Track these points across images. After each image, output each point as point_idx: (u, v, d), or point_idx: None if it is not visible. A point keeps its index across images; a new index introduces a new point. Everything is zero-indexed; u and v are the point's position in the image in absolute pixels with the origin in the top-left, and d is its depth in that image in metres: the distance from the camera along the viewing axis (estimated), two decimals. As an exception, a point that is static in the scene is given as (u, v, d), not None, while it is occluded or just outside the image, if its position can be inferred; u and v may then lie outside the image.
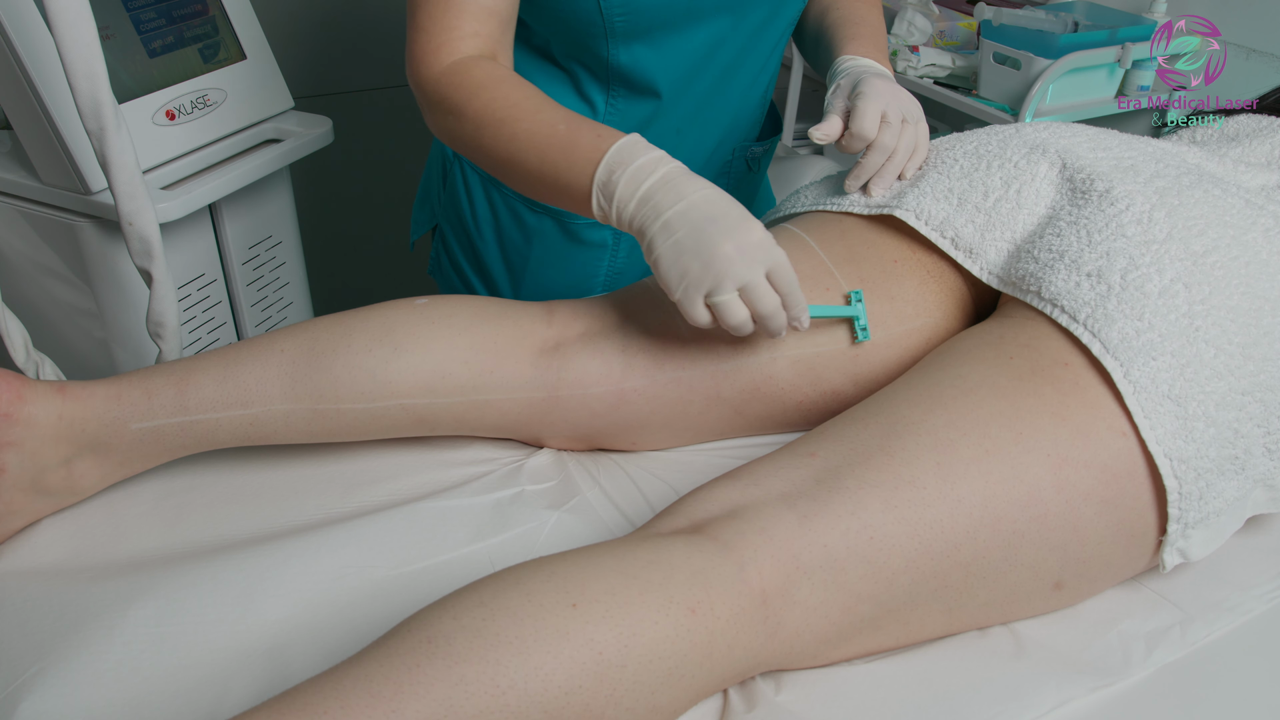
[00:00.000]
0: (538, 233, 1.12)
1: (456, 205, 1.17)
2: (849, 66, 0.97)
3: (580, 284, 1.17)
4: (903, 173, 0.91)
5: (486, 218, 1.14)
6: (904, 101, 0.92)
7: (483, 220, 1.15)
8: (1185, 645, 0.72)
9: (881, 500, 0.67)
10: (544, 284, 1.16)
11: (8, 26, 1.09)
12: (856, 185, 0.91)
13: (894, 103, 0.90)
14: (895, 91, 0.92)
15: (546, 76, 1.05)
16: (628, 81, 1.03)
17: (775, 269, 0.76)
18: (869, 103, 0.89)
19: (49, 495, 0.79)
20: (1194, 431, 0.69)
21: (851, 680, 0.68)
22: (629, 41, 0.99)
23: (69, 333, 1.33)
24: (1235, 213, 0.78)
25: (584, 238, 1.12)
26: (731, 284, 0.74)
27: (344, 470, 0.86)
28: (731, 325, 0.76)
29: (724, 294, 0.75)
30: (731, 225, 0.75)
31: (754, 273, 0.75)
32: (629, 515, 0.82)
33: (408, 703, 0.55)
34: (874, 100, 0.89)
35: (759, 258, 0.75)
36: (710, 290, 0.75)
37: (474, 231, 1.17)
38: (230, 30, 1.36)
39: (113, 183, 0.99)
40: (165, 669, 0.68)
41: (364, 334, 0.81)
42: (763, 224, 0.77)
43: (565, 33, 1.00)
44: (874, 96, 0.90)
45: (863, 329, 0.84)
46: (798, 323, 0.78)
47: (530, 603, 0.59)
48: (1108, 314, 0.72)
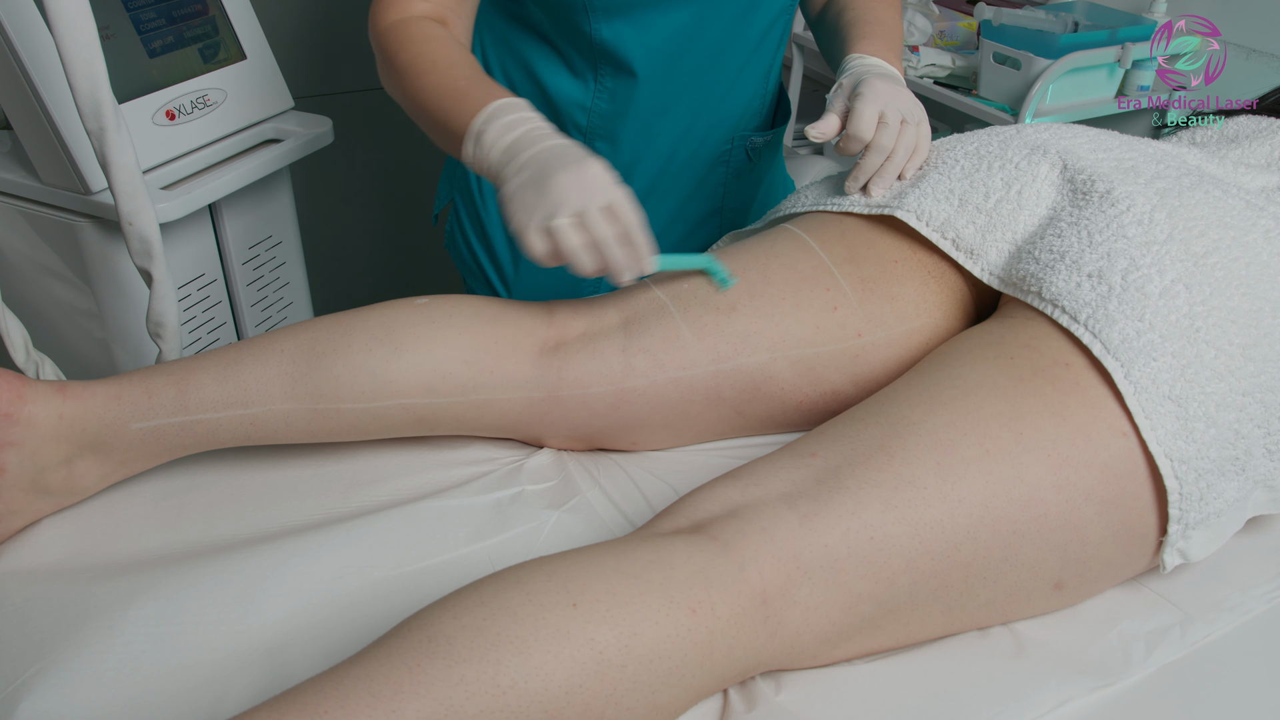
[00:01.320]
0: None
1: (465, 176, 1.20)
2: (854, 66, 0.97)
3: None
4: (903, 173, 0.91)
5: (490, 187, 1.17)
6: (904, 102, 0.91)
7: (487, 190, 1.18)
8: (1185, 645, 0.72)
9: (882, 500, 0.67)
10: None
11: (8, 26, 1.09)
12: (856, 186, 0.91)
13: (893, 103, 0.90)
14: (896, 92, 0.92)
15: (543, 56, 1.09)
16: (612, 59, 1.06)
17: (614, 204, 0.78)
18: (866, 103, 0.89)
19: (49, 495, 0.79)
20: (1194, 432, 0.69)
21: (851, 680, 0.68)
22: (609, 17, 1.02)
23: (69, 333, 1.33)
24: (1236, 214, 0.78)
25: None
26: (566, 209, 0.77)
27: (344, 470, 0.86)
28: (567, 251, 0.77)
29: (558, 219, 0.77)
30: (571, 160, 0.78)
31: (589, 201, 0.77)
32: (629, 515, 0.82)
33: (408, 702, 0.55)
34: (871, 101, 0.89)
35: (596, 189, 0.77)
36: (546, 215, 0.77)
37: (479, 202, 1.20)
38: (230, 30, 1.36)
39: (113, 183, 0.99)
40: (165, 669, 0.68)
41: (364, 334, 0.81)
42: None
43: (551, 9, 1.04)
44: (872, 97, 0.90)
45: (722, 279, 0.86)
46: (640, 264, 0.79)
47: (531, 602, 0.59)
48: (1108, 314, 0.72)
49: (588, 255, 0.78)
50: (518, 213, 0.79)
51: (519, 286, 1.22)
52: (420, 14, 0.94)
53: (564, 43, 1.07)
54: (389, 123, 2.07)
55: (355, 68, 2.01)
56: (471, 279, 1.27)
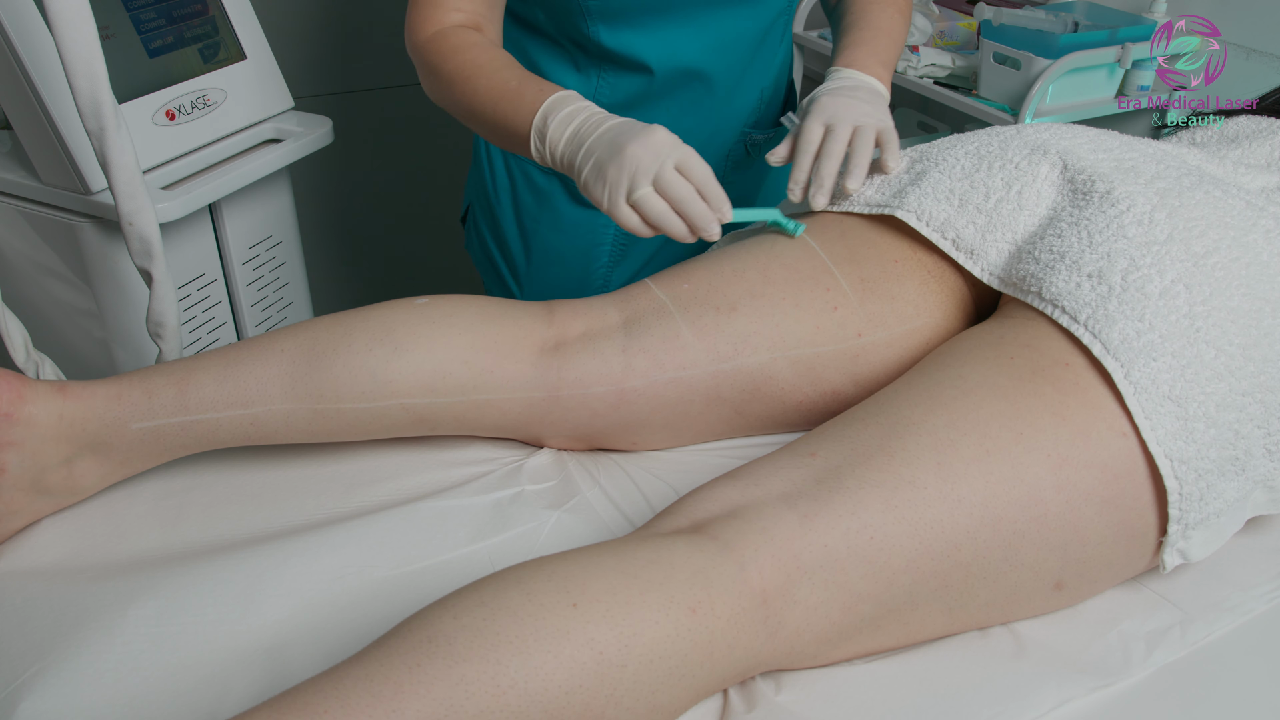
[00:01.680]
0: (548, 195, 1.21)
1: (481, 176, 1.25)
2: (824, 83, 0.99)
3: (588, 250, 1.23)
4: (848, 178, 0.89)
5: (505, 185, 1.24)
6: (857, 113, 0.92)
7: (501, 188, 1.24)
8: (1185, 645, 0.72)
9: (882, 500, 0.67)
10: (554, 249, 1.23)
11: (8, 26, 1.09)
12: (798, 192, 0.91)
13: (845, 115, 0.91)
14: (848, 105, 0.93)
15: (549, 56, 1.13)
16: (612, 58, 1.09)
17: (683, 161, 0.83)
18: (811, 119, 0.93)
19: (49, 495, 0.79)
20: (1194, 432, 0.69)
21: (851, 680, 0.68)
22: (608, 22, 1.06)
23: (69, 333, 1.33)
24: (1236, 214, 0.78)
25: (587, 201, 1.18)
26: (644, 178, 0.82)
27: (344, 470, 0.86)
28: (653, 218, 0.83)
29: (640, 189, 0.83)
30: (637, 131, 0.84)
31: (662, 164, 0.82)
32: (629, 515, 0.82)
33: (408, 702, 0.55)
34: (816, 116, 0.93)
35: (664, 152, 0.83)
36: (629, 188, 0.83)
37: (493, 199, 1.24)
38: (230, 30, 1.36)
39: (113, 183, 0.99)
40: (165, 669, 0.68)
41: (364, 334, 0.81)
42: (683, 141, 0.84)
43: (553, 14, 1.09)
44: (816, 113, 0.93)
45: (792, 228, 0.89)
46: (719, 213, 0.84)
47: (531, 602, 0.59)
48: (1108, 315, 0.72)
49: (673, 219, 0.83)
50: (604, 192, 0.84)
51: (529, 283, 1.26)
52: (456, 24, 0.99)
53: (566, 43, 1.10)
54: (389, 123, 2.07)
55: (355, 68, 2.01)
56: (487, 277, 1.32)
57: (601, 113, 0.88)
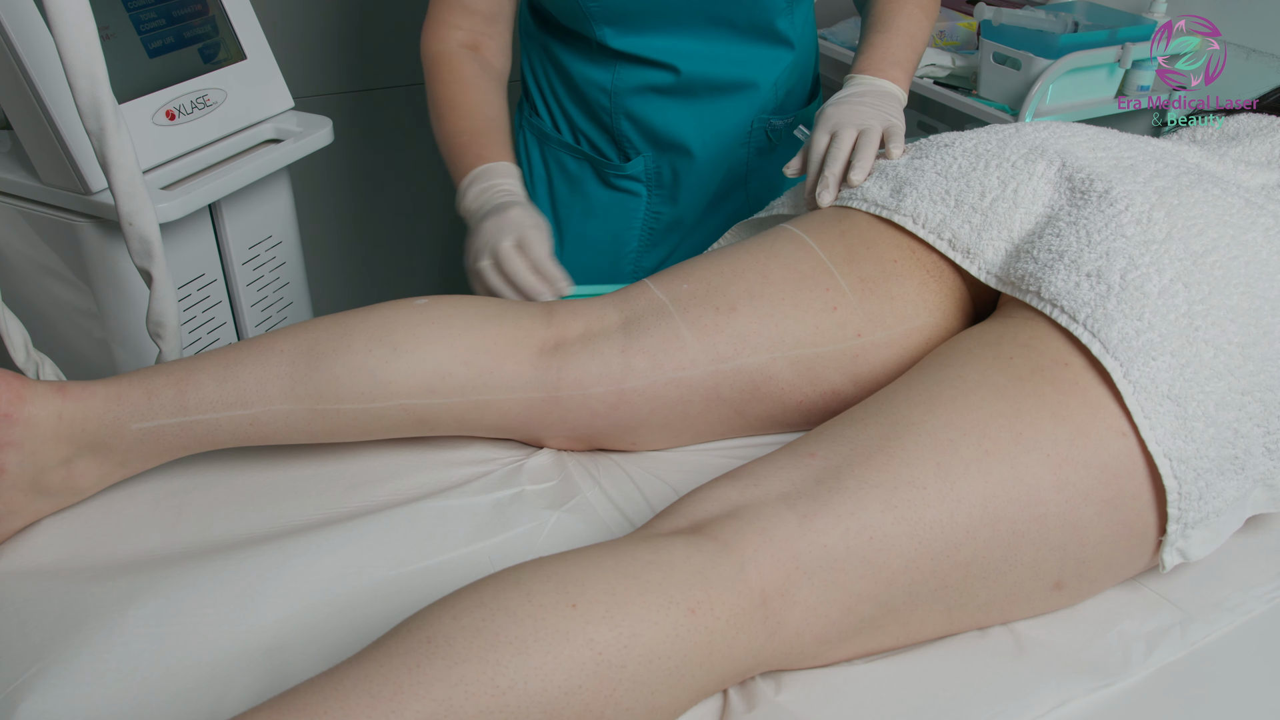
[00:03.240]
0: (579, 180, 1.29)
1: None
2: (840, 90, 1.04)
3: (619, 234, 1.29)
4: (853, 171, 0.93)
5: (540, 174, 1.31)
6: (861, 117, 0.96)
7: (537, 177, 1.32)
8: (1185, 645, 0.72)
9: (881, 500, 0.67)
10: (585, 234, 1.30)
11: (8, 26, 1.09)
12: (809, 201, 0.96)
13: (850, 120, 0.96)
14: (853, 111, 0.98)
15: (566, 47, 1.20)
16: (623, 56, 1.15)
17: (523, 240, 0.93)
18: (818, 129, 0.98)
19: (49, 495, 0.79)
20: (1193, 431, 0.69)
21: (851, 680, 0.68)
22: (613, 24, 1.13)
23: (69, 333, 1.33)
24: (1235, 212, 0.78)
25: (617, 184, 1.27)
26: (485, 252, 0.94)
27: (344, 470, 0.86)
28: (491, 287, 0.94)
29: (482, 260, 0.94)
30: (498, 210, 0.96)
31: (500, 240, 0.93)
32: (629, 515, 0.82)
33: (408, 703, 0.55)
34: (822, 125, 0.98)
35: (507, 230, 0.94)
36: (474, 257, 0.95)
37: (529, 187, 1.28)
38: (230, 30, 1.36)
39: (113, 183, 0.99)
40: (165, 669, 0.68)
41: (364, 334, 0.81)
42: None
43: (564, 15, 1.16)
44: (822, 122, 0.98)
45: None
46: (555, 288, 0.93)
47: (530, 603, 0.59)
48: (1107, 314, 0.72)
49: (508, 289, 0.93)
50: (466, 258, 0.97)
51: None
52: (457, 43, 1.10)
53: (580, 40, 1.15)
54: (389, 123, 2.07)
55: (355, 68, 2.01)
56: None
57: (503, 190, 1.00)
